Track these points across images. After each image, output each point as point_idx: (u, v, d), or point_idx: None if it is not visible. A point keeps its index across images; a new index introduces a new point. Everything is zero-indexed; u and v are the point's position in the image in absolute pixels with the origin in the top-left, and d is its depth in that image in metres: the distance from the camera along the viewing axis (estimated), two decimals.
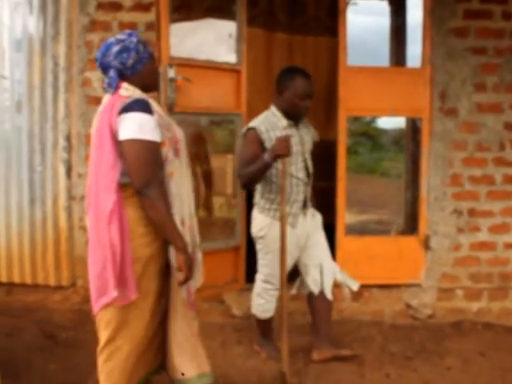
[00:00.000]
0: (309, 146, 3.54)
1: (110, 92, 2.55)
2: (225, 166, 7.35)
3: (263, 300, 3.56)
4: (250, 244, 4.27)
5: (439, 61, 4.23)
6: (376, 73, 4.28)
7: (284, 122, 3.40)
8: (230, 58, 4.12)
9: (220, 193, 7.35)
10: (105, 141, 2.46)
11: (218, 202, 7.31)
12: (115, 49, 2.53)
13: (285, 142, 3.13)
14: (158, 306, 2.61)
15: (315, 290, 3.52)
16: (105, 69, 2.55)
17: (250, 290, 4.17)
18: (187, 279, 2.50)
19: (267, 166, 3.23)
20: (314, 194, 3.59)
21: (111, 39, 2.56)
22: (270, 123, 3.37)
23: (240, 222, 4.24)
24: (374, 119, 14.39)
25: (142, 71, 2.58)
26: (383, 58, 6.03)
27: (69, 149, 4.16)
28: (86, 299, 4.18)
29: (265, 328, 3.67)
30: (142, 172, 2.42)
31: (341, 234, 4.29)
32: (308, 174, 3.50)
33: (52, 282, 4.23)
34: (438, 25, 4.20)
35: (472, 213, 4.31)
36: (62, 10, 4.09)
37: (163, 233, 2.51)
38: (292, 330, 3.60)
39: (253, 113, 3.80)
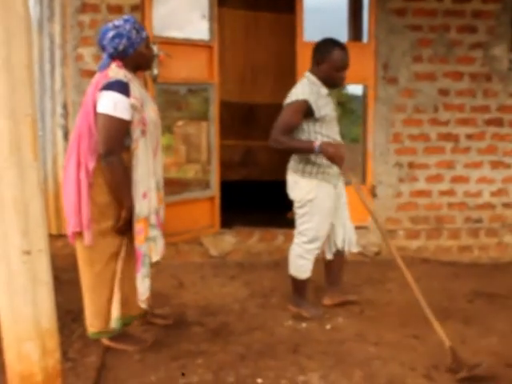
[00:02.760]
0: (337, 110, 3.67)
1: (100, 71, 3.00)
2: (200, 133, 7.90)
3: (305, 261, 3.62)
4: (223, 194, 4.93)
5: (382, 36, 4.81)
6: None
7: (325, 90, 3.48)
8: (204, 35, 4.64)
9: (196, 160, 7.94)
10: (89, 111, 2.92)
11: (193, 168, 7.84)
12: (110, 34, 2.95)
13: (340, 152, 3.31)
14: (119, 248, 3.06)
15: (339, 246, 3.77)
16: (103, 49, 3.02)
17: (224, 233, 4.88)
18: (120, 231, 2.98)
19: (311, 152, 3.37)
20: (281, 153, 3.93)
21: (109, 24, 2.99)
22: (316, 93, 3.44)
23: (215, 175, 4.86)
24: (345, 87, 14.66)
25: (133, 54, 2.99)
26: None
27: (65, 115, 4.67)
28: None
29: (304, 288, 3.73)
30: (107, 142, 2.87)
31: None
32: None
33: (53, 231, 4.73)
34: (381, 5, 4.77)
35: (411, 165, 4.95)
36: None
37: (116, 194, 2.93)
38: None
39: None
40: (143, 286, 3.12)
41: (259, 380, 2.93)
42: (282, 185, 3.86)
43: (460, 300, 4.10)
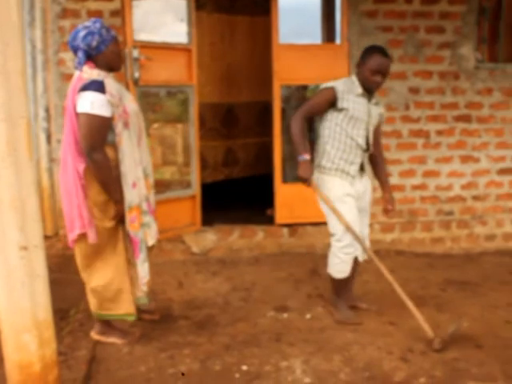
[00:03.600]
0: (374, 120, 3.60)
1: (78, 69, 3.09)
2: (178, 135, 8.00)
3: (338, 260, 3.59)
4: (204, 193, 5.07)
5: (355, 37, 4.98)
6: (303, 49, 5.04)
7: (359, 89, 3.51)
8: (183, 38, 4.78)
9: (172, 162, 8.03)
10: (71, 114, 3.04)
11: (169, 170, 7.92)
12: (82, 33, 3.05)
13: (303, 174, 3.39)
14: (120, 242, 3.21)
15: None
16: (75, 51, 3.10)
17: (205, 231, 5.01)
18: (116, 217, 3.11)
19: (296, 154, 3.46)
20: (258, 148, 4.13)
21: (79, 26, 3.09)
22: (348, 87, 3.51)
23: (195, 175, 4.99)
24: (318, 85, 14.91)
25: (105, 52, 3.07)
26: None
27: (48, 119, 4.78)
28: (68, 246, 4.91)
29: (339, 288, 3.71)
30: (89, 139, 2.98)
31: (278, 182, 5.09)
32: (367, 144, 3.59)
33: None
34: (353, 8, 4.95)
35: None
36: (36, 0, 4.69)
37: (104, 189, 3.04)
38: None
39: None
40: (143, 270, 3.27)
41: (244, 367, 3.08)
42: (259, 180, 3.93)
43: (433, 288, 4.30)
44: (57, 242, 4.94)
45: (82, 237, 3.14)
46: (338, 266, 3.60)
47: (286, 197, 5.09)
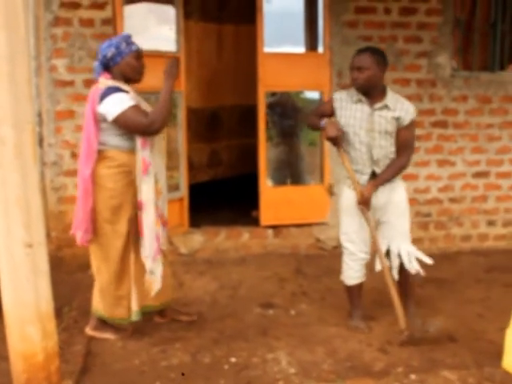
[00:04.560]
0: (380, 127, 3.43)
1: (95, 77, 3.31)
2: (167, 139, 8.20)
3: (346, 266, 3.67)
4: (192, 195, 5.22)
5: (336, 47, 5.18)
6: (287, 57, 5.24)
7: (356, 95, 3.47)
8: (172, 46, 4.95)
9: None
10: (89, 123, 3.23)
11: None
12: (104, 45, 3.29)
13: (332, 126, 3.43)
14: (130, 244, 3.39)
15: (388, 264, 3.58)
16: (97, 59, 3.31)
17: (193, 233, 5.17)
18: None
19: (318, 126, 3.55)
20: (241, 149, 4.23)
21: (108, 39, 3.35)
22: (350, 95, 3.50)
23: (183, 177, 5.16)
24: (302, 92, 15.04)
25: (121, 63, 3.27)
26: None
27: (40, 123, 4.89)
28: (59, 247, 5.04)
29: (350, 295, 3.73)
30: (139, 126, 3.19)
31: (263, 185, 5.28)
32: (372, 152, 3.47)
33: None
34: (335, 18, 5.15)
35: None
36: (29, 8, 4.76)
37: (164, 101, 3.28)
38: None
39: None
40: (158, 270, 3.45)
41: (233, 359, 3.26)
42: (243, 179, 4.04)
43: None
44: (48, 244, 4.96)
45: (94, 238, 3.34)
46: (346, 272, 3.68)
47: (270, 199, 5.27)
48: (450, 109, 5.46)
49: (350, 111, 3.48)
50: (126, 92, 3.24)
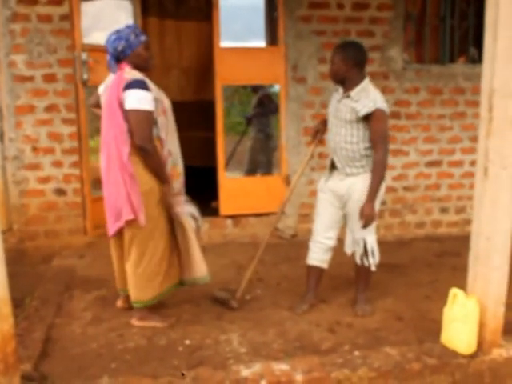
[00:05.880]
0: (342, 115, 3.56)
1: (112, 72, 3.37)
2: None
3: (309, 247, 3.90)
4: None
5: (291, 41, 5.32)
6: (243, 51, 5.36)
7: (340, 90, 3.63)
8: None
9: None
10: (115, 110, 3.27)
11: None
12: (112, 38, 3.33)
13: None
14: (167, 226, 3.50)
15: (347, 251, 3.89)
16: (108, 53, 3.36)
17: None
18: (167, 194, 3.41)
19: None
20: (199, 142, 4.40)
21: (113, 30, 3.35)
22: (336, 91, 3.70)
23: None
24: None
25: (131, 55, 3.31)
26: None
27: (1, 118, 4.95)
28: (21, 240, 5.11)
29: (306, 275, 3.95)
30: (141, 132, 3.25)
31: (222, 176, 5.41)
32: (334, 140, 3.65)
33: None
34: (289, 13, 5.28)
35: (321, 156, 5.45)
36: None
37: (155, 175, 3.34)
38: None
39: None
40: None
41: (187, 341, 3.40)
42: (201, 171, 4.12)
43: None
44: (10, 237, 5.07)
45: (131, 223, 3.39)
46: (308, 252, 3.89)
47: (229, 189, 5.40)
48: (402, 100, 5.65)
49: (332, 99, 3.73)
50: (150, 90, 3.28)
